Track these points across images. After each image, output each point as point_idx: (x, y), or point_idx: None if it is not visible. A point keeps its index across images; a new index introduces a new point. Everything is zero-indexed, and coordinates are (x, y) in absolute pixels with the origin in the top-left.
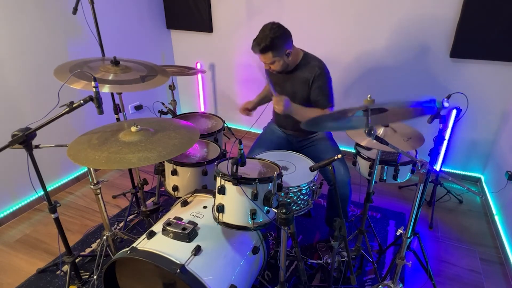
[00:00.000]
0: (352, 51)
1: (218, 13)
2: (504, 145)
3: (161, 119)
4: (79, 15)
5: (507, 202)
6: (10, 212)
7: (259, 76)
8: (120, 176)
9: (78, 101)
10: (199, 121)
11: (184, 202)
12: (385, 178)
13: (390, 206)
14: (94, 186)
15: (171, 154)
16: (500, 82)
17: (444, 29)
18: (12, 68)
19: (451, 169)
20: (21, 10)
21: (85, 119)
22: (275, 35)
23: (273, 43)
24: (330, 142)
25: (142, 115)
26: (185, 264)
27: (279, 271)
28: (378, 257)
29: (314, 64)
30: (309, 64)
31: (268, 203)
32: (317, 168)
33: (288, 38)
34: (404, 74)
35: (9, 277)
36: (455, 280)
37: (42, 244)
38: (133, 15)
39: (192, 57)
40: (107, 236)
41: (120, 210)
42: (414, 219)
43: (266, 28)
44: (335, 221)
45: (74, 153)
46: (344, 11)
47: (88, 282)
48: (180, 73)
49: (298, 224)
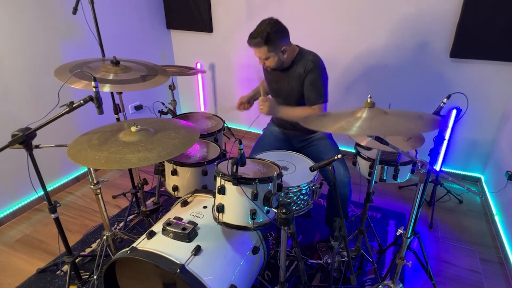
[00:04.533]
0: (352, 50)
1: (218, 13)
2: (504, 145)
3: (161, 119)
4: (79, 15)
5: (507, 202)
6: (10, 212)
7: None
8: (120, 176)
9: (78, 101)
10: (199, 121)
11: (184, 202)
12: (385, 178)
13: (390, 206)
14: (94, 186)
15: (171, 154)
16: (500, 82)
17: (444, 29)
18: (12, 68)
19: (451, 169)
20: (21, 10)
21: (85, 119)
22: (272, 30)
23: (269, 38)
24: (330, 142)
25: (142, 115)
26: (185, 264)
27: (279, 271)
28: (378, 257)
29: (308, 59)
30: (303, 58)
31: (268, 203)
32: (317, 168)
33: (285, 35)
34: (404, 74)
35: (9, 277)
36: (455, 280)
37: (42, 244)
38: (133, 15)
39: (192, 57)
40: (107, 236)
41: (120, 210)
42: (414, 219)
43: (264, 22)
44: (335, 221)
45: (74, 153)
46: (344, 11)
47: (88, 282)
48: (180, 73)
49: (298, 224)
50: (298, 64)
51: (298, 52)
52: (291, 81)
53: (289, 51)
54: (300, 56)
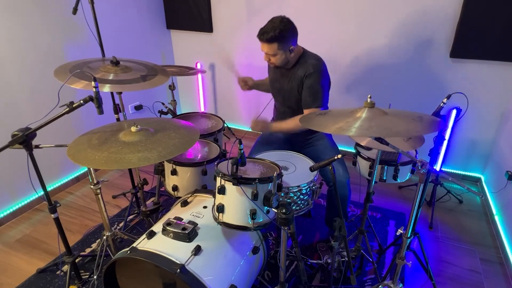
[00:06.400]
0: (352, 50)
1: (218, 13)
2: (504, 145)
3: (161, 119)
4: (79, 15)
5: (507, 202)
6: (10, 212)
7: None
8: (120, 176)
9: (78, 101)
10: (199, 121)
11: (184, 202)
12: (385, 178)
13: (390, 206)
14: (94, 186)
15: (171, 154)
16: (500, 82)
17: (444, 29)
18: (12, 68)
19: (451, 169)
20: (21, 10)
21: (85, 119)
22: (285, 28)
23: (281, 35)
24: (329, 142)
25: (142, 115)
26: (185, 264)
27: (279, 271)
28: (378, 257)
29: (310, 62)
30: (305, 62)
31: (268, 203)
32: (317, 168)
33: (295, 35)
34: (404, 73)
35: (9, 277)
36: (455, 280)
37: (42, 244)
38: (133, 15)
39: (192, 57)
40: (107, 236)
41: (120, 210)
42: (414, 219)
43: (277, 19)
44: (335, 221)
45: (74, 153)
46: (344, 11)
47: (88, 282)
48: (180, 73)
49: (298, 224)
50: (300, 67)
51: (302, 54)
52: (292, 82)
53: (295, 51)
54: (303, 58)
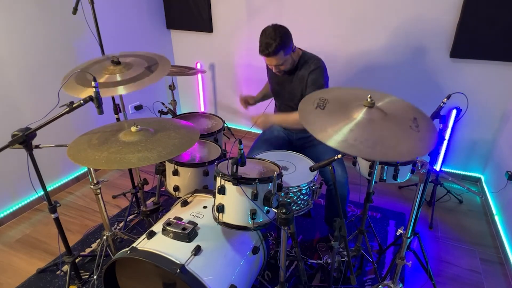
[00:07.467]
0: (352, 50)
1: (218, 13)
2: (504, 145)
3: (161, 119)
4: (79, 15)
5: (507, 202)
6: (10, 212)
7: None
8: (120, 176)
9: (78, 101)
10: (199, 121)
11: (184, 202)
12: (385, 178)
13: (390, 206)
14: (94, 186)
15: (171, 154)
16: (500, 82)
17: (444, 29)
18: (12, 68)
19: (451, 169)
20: (21, 10)
21: (85, 119)
22: (282, 34)
23: (283, 42)
24: None
25: (142, 115)
26: (185, 264)
27: (279, 271)
28: (378, 257)
29: (311, 62)
30: (306, 63)
31: (268, 203)
32: (317, 168)
33: (291, 36)
34: (404, 73)
35: (9, 277)
36: (455, 280)
37: (42, 244)
38: (133, 15)
39: (192, 57)
40: (107, 236)
41: (120, 210)
42: (414, 219)
43: (270, 30)
44: (335, 221)
45: (74, 153)
46: (344, 11)
47: (88, 282)
48: (180, 73)
49: (298, 224)
50: (302, 68)
51: (301, 55)
52: (294, 84)
53: (296, 49)
54: (303, 60)
